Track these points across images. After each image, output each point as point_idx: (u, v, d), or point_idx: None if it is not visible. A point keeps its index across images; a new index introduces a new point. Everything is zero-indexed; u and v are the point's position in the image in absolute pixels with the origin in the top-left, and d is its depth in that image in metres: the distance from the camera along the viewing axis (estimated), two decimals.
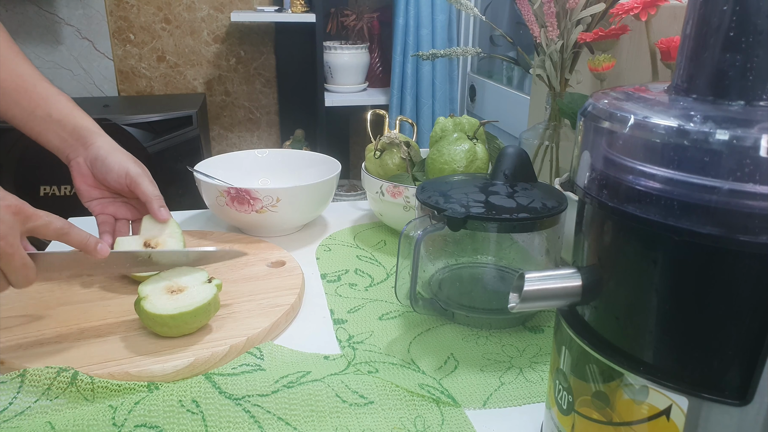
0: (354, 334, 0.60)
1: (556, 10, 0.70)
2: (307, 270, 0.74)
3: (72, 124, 0.67)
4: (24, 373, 0.49)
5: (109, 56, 2.27)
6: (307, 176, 0.89)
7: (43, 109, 0.66)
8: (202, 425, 0.46)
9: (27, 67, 0.68)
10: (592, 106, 0.34)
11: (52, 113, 0.66)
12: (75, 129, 0.67)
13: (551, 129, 0.78)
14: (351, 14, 2.23)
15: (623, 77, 0.79)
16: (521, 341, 0.59)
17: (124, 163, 0.67)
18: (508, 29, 1.97)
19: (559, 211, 0.56)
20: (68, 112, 0.67)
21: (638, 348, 0.33)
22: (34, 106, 0.66)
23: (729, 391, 0.30)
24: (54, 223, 0.52)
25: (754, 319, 0.28)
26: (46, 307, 0.61)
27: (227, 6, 2.28)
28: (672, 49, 0.61)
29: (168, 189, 2.14)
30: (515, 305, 0.36)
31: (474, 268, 0.67)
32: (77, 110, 0.68)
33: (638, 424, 0.33)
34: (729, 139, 0.26)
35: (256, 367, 0.53)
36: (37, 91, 0.67)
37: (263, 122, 2.49)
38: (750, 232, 0.27)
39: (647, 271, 0.31)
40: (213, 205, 0.80)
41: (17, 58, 0.68)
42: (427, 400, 0.50)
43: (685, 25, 0.32)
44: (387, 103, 2.17)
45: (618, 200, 0.31)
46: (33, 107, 0.66)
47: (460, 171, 0.75)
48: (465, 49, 0.79)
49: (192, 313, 0.54)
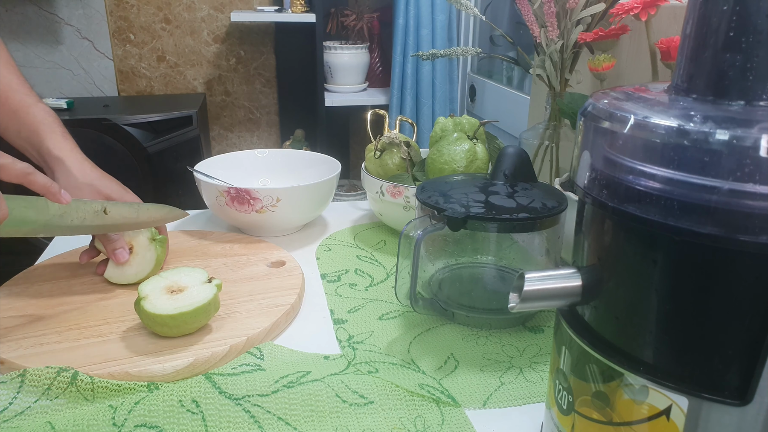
0: (354, 334, 0.60)
1: (556, 10, 0.70)
2: (307, 270, 0.74)
3: (36, 146, 0.64)
4: (24, 373, 0.49)
5: (109, 56, 2.27)
6: (307, 176, 0.89)
7: (14, 126, 0.64)
8: (202, 425, 0.46)
9: (4, 75, 0.64)
10: (592, 106, 0.34)
11: (21, 131, 0.64)
12: (39, 151, 0.64)
13: (551, 129, 0.78)
14: (351, 14, 2.23)
15: (623, 77, 0.79)
16: (521, 341, 0.59)
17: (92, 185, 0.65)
18: (508, 29, 1.97)
19: (559, 211, 0.56)
20: (35, 130, 0.64)
21: (638, 348, 0.33)
22: (7, 121, 0.63)
23: (729, 391, 0.30)
24: (18, 164, 0.51)
25: (754, 319, 0.28)
26: (46, 307, 0.61)
27: (227, 6, 2.28)
28: (672, 49, 0.61)
29: (168, 189, 2.14)
30: (515, 305, 0.36)
31: (474, 268, 0.67)
32: (44, 125, 0.65)
33: (638, 424, 0.33)
34: (729, 139, 0.26)
35: (256, 367, 0.53)
36: (9, 104, 0.64)
37: (263, 122, 2.49)
38: (750, 232, 0.27)
39: (647, 271, 0.31)
40: (213, 205, 0.80)
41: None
42: (427, 400, 0.50)
43: (685, 25, 0.32)
44: (387, 103, 2.17)
45: (618, 200, 0.31)
46: (6, 123, 0.63)
47: (460, 171, 0.75)
48: (465, 49, 0.79)
49: (192, 313, 0.54)
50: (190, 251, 0.75)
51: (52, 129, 0.65)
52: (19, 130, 0.63)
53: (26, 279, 0.67)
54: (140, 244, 0.66)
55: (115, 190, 0.66)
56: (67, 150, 0.65)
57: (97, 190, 0.65)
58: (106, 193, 0.66)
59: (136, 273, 0.65)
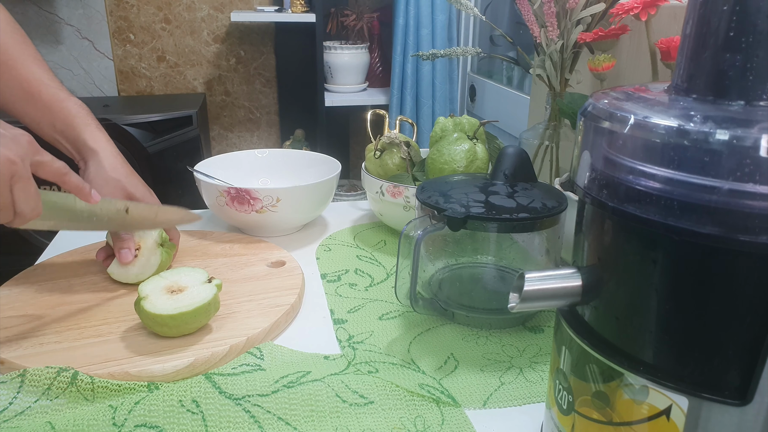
0: (354, 334, 0.60)
1: (556, 10, 0.70)
2: (307, 270, 0.74)
3: (72, 138, 0.66)
4: (24, 373, 0.49)
5: (109, 56, 2.27)
6: (307, 176, 0.89)
7: (48, 118, 0.65)
8: (202, 425, 0.46)
9: (35, 70, 0.66)
10: (592, 106, 0.34)
11: (55, 124, 0.65)
12: (74, 143, 0.66)
13: (551, 129, 0.78)
14: (351, 14, 2.23)
15: (623, 77, 0.79)
16: (521, 341, 0.59)
17: (118, 179, 0.66)
18: (508, 29, 1.97)
19: (559, 211, 0.56)
20: (69, 122, 0.65)
21: (638, 348, 0.33)
22: (40, 115, 0.65)
23: (729, 391, 0.30)
24: (56, 163, 0.53)
25: (754, 319, 0.28)
26: (46, 307, 0.61)
27: (227, 6, 2.28)
28: (672, 49, 0.61)
29: (168, 189, 2.14)
30: (515, 305, 0.36)
31: (474, 268, 0.67)
32: (79, 118, 0.66)
33: (638, 424, 0.33)
34: (729, 139, 0.26)
35: (256, 367, 0.53)
36: (42, 98, 0.65)
37: (263, 122, 2.49)
38: (750, 232, 0.27)
39: (647, 271, 0.31)
40: (213, 205, 0.80)
41: (27, 61, 0.66)
42: (427, 400, 0.50)
43: (685, 25, 0.32)
44: (387, 103, 2.17)
45: (618, 200, 0.31)
46: (39, 117, 0.65)
47: (460, 171, 0.75)
48: (465, 49, 0.79)
49: (192, 313, 0.54)
50: (190, 251, 0.75)
51: (87, 122, 0.67)
52: (53, 123, 0.65)
53: (26, 279, 0.67)
54: (148, 246, 0.66)
55: (139, 190, 0.68)
56: (103, 142, 0.67)
57: (122, 187, 0.66)
58: (130, 191, 0.67)
59: (137, 274, 0.65)
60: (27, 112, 0.65)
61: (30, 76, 0.65)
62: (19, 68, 0.65)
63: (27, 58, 0.66)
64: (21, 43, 0.66)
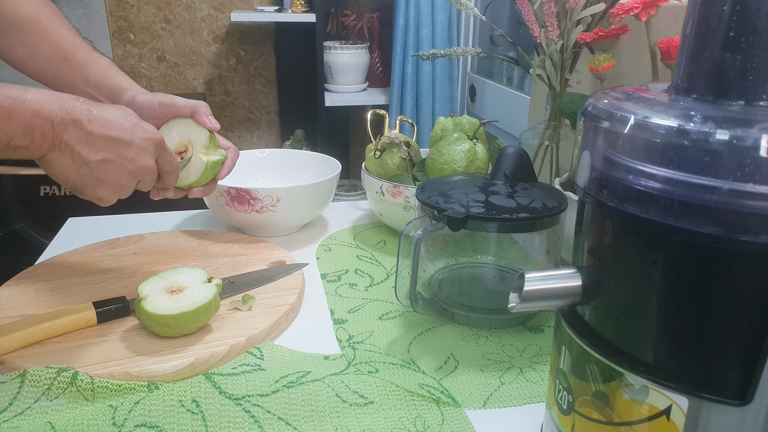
0: (354, 334, 0.60)
1: (556, 10, 0.70)
2: (307, 270, 0.74)
3: (106, 86, 0.67)
4: (24, 373, 0.49)
5: (109, 56, 2.27)
6: (307, 176, 0.89)
7: (81, 76, 0.67)
8: (202, 425, 0.46)
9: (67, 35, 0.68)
10: (592, 106, 0.34)
11: (89, 79, 0.67)
12: (109, 89, 0.67)
13: (551, 129, 0.78)
14: (351, 14, 2.23)
15: (623, 77, 0.79)
16: (521, 341, 0.59)
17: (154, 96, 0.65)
18: (508, 29, 1.97)
19: (559, 211, 0.56)
20: (104, 74, 0.67)
21: (638, 348, 0.33)
22: (74, 75, 0.67)
23: (729, 391, 0.30)
24: (174, 163, 0.60)
25: (754, 319, 0.28)
26: (46, 307, 0.61)
27: (227, 6, 2.28)
28: (672, 49, 0.61)
29: None
30: (515, 305, 0.36)
31: (474, 268, 0.67)
32: (113, 70, 0.68)
33: (638, 424, 0.33)
34: (729, 139, 0.26)
35: (256, 367, 0.53)
36: (76, 59, 0.67)
37: (263, 122, 2.49)
38: (750, 232, 0.27)
39: (647, 271, 0.31)
40: (213, 205, 0.80)
41: (60, 29, 0.68)
42: (427, 400, 0.50)
43: (685, 25, 0.32)
44: (387, 103, 2.17)
45: (618, 200, 0.31)
46: (72, 77, 0.67)
47: (460, 171, 0.75)
48: (465, 49, 0.79)
49: (192, 313, 0.54)
50: (190, 251, 0.75)
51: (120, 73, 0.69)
52: (87, 78, 0.67)
53: (26, 279, 0.67)
54: (195, 149, 0.64)
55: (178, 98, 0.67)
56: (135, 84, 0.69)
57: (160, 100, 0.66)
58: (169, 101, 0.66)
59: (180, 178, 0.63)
60: (61, 74, 0.67)
61: (63, 41, 0.68)
62: (53, 36, 0.68)
63: (59, 27, 0.69)
64: (52, 14, 0.69)
